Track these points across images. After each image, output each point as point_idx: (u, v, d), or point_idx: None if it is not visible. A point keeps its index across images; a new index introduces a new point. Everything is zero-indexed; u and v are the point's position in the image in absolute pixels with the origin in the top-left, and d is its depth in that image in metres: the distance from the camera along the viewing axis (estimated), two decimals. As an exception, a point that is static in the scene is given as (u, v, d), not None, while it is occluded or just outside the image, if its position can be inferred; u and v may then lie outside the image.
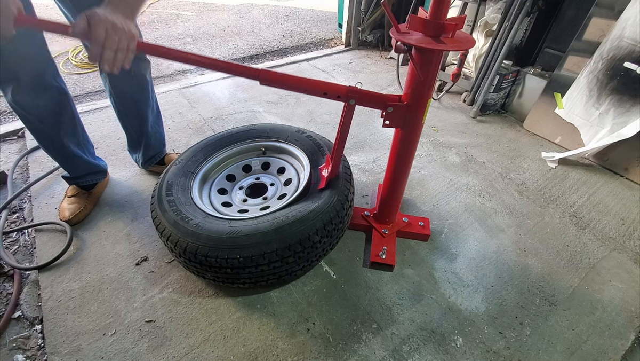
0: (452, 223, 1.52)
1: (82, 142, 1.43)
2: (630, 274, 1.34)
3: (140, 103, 1.46)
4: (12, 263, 1.29)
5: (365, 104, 1.00)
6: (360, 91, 0.98)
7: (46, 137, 1.32)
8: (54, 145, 1.35)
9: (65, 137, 1.33)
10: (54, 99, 1.25)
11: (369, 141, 2.03)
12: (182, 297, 1.20)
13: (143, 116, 1.49)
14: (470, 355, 1.08)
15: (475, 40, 0.93)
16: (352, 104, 0.99)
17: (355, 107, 1.01)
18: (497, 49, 2.09)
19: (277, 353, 1.06)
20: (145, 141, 1.57)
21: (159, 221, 1.10)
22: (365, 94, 0.99)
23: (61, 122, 1.31)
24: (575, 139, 1.94)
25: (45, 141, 1.34)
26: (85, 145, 1.46)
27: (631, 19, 1.59)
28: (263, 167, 1.45)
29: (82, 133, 1.43)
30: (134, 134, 1.55)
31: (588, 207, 1.63)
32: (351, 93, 0.97)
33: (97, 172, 1.53)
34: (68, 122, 1.34)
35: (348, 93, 0.97)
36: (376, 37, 3.30)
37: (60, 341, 1.08)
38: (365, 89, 0.99)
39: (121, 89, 1.38)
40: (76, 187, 1.49)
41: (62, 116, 1.30)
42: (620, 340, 1.14)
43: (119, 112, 1.46)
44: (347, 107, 1.00)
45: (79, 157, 1.42)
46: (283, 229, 1.01)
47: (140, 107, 1.47)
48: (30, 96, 1.18)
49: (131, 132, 1.54)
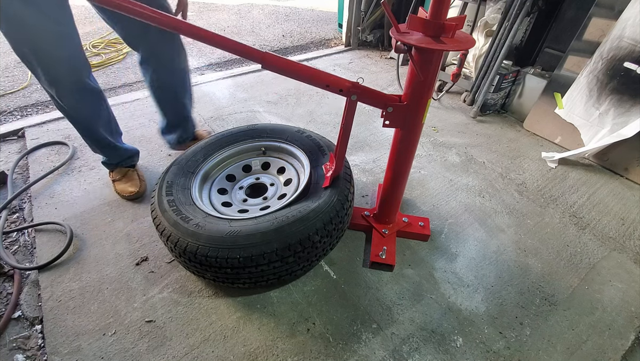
0: (452, 223, 1.52)
1: (114, 131, 1.55)
2: (630, 274, 1.34)
3: (179, 91, 1.58)
4: (12, 263, 1.29)
5: (366, 100, 1.00)
6: (362, 87, 0.97)
7: (87, 130, 1.45)
8: (94, 136, 1.47)
9: (102, 129, 1.46)
10: (92, 98, 1.37)
11: (369, 141, 2.03)
12: (182, 297, 1.20)
13: (181, 102, 1.63)
14: (470, 355, 1.08)
15: (475, 40, 0.93)
16: (354, 100, 0.98)
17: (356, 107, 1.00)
18: (497, 49, 2.09)
19: (277, 353, 1.06)
20: (183, 125, 1.71)
21: (159, 221, 1.09)
22: (367, 90, 0.98)
23: (99, 117, 1.43)
24: (575, 139, 1.94)
25: (87, 133, 1.47)
26: (117, 133, 1.58)
27: (631, 19, 1.59)
28: (263, 167, 1.45)
29: (115, 124, 1.56)
30: (172, 118, 1.67)
31: (588, 207, 1.63)
32: (353, 88, 0.96)
33: (133, 155, 1.66)
34: (104, 117, 1.47)
35: (350, 88, 0.96)
36: (376, 37, 3.30)
37: (60, 341, 1.08)
38: (367, 86, 0.98)
39: (162, 78, 1.50)
40: (121, 169, 1.61)
41: (100, 112, 1.43)
42: (620, 340, 1.14)
43: (158, 99, 1.58)
44: (349, 103, 0.99)
45: (114, 145, 1.55)
46: (283, 229, 1.01)
47: (179, 95, 1.60)
48: (74, 98, 1.31)
49: (169, 117, 1.66)
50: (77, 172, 1.72)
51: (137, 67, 2.97)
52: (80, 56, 1.25)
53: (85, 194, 1.60)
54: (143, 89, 2.55)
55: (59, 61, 1.18)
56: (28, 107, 2.37)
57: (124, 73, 2.91)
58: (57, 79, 1.22)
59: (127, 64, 3.07)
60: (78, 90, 1.30)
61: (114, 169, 1.62)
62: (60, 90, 1.25)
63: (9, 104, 2.39)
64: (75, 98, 1.31)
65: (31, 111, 2.34)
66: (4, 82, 2.64)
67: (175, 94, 1.58)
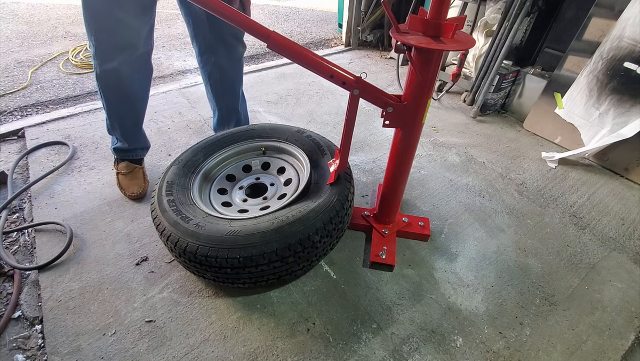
0: (452, 223, 1.52)
1: (142, 114, 1.55)
2: (630, 274, 1.34)
3: (236, 82, 1.63)
4: (12, 263, 1.29)
5: (367, 97, 1.00)
6: (364, 83, 0.97)
7: (127, 111, 1.46)
8: (128, 113, 1.47)
9: (140, 107, 1.49)
10: (147, 76, 1.43)
11: (369, 141, 2.03)
12: (182, 297, 1.20)
13: (237, 94, 1.67)
14: (470, 355, 1.08)
15: (475, 41, 0.93)
16: (356, 94, 0.98)
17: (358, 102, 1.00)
18: (497, 49, 2.09)
19: (277, 353, 1.06)
20: (237, 117, 1.75)
21: (159, 221, 1.09)
22: (369, 86, 0.98)
23: (145, 94, 1.48)
24: (575, 139, 1.94)
25: (124, 115, 1.47)
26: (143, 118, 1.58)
27: (631, 19, 1.59)
28: (263, 167, 1.45)
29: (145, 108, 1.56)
30: (225, 112, 1.71)
31: (588, 207, 1.63)
32: (356, 83, 0.96)
33: (146, 147, 1.68)
34: (146, 96, 1.50)
35: (353, 82, 0.96)
36: (376, 37, 3.30)
37: (60, 341, 1.08)
38: (370, 82, 0.98)
39: (222, 68, 1.55)
40: (129, 163, 1.61)
41: (147, 88, 1.48)
42: (620, 340, 1.14)
43: (216, 91, 1.63)
44: (352, 97, 0.99)
45: (139, 128, 1.58)
46: (283, 229, 1.01)
47: (236, 86, 1.65)
48: (138, 71, 1.35)
49: (223, 111, 1.70)
50: (77, 172, 1.72)
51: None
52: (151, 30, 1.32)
53: (85, 194, 1.60)
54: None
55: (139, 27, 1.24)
56: (28, 107, 2.37)
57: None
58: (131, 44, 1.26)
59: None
60: (144, 61, 1.35)
61: (122, 160, 1.61)
62: (128, 57, 1.27)
63: (9, 104, 2.39)
64: (139, 71, 1.36)
65: (31, 111, 2.34)
66: (4, 82, 2.63)
67: (232, 83, 1.62)
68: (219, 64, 1.54)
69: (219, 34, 1.45)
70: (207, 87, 1.65)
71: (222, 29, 1.44)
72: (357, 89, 0.97)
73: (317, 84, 2.65)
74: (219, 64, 1.54)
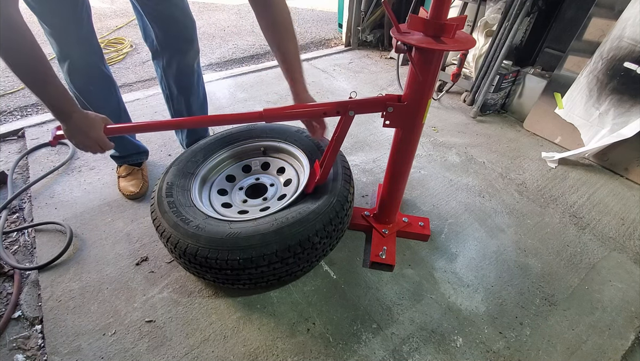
0: (452, 223, 1.51)
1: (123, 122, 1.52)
2: (630, 274, 1.34)
3: (186, 90, 1.58)
4: (12, 263, 1.29)
5: (364, 111, 1.02)
6: (357, 101, 0.99)
7: None
8: None
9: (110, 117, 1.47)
10: (103, 85, 1.39)
11: (369, 141, 2.03)
12: (182, 297, 1.20)
13: (188, 102, 1.62)
14: (470, 355, 1.08)
15: (475, 41, 0.93)
16: (352, 115, 1.00)
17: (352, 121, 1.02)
18: (497, 49, 2.08)
19: (277, 353, 1.06)
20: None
21: (159, 223, 1.09)
22: (363, 102, 1.00)
23: (107, 106, 1.42)
24: (575, 139, 1.94)
25: None
26: None
27: (631, 19, 1.59)
28: (263, 167, 1.45)
29: (126, 116, 1.55)
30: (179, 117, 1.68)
31: (588, 207, 1.63)
32: (350, 105, 0.98)
33: (142, 152, 1.69)
34: (114, 107, 1.47)
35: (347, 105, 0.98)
36: (376, 37, 3.30)
37: (60, 341, 1.08)
38: (361, 98, 1.00)
39: (171, 76, 1.50)
40: (127, 166, 1.63)
41: (109, 101, 1.44)
42: (620, 340, 1.14)
43: (167, 96, 1.60)
44: (346, 119, 1.01)
45: (124, 138, 1.57)
46: (283, 231, 1.01)
47: (186, 94, 1.59)
48: (83, 80, 1.32)
49: (177, 116, 1.67)
50: (77, 172, 1.72)
51: (137, 67, 2.98)
52: (90, 39, 1.28)
53: (85, 194, 1.60)
54: (143, 89, 2.55)
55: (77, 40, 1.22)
56: (28, 107, 2.37)
57: (124, 73, 2.90)
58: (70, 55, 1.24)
59: (127, 64, 3.06)
60: (89, 71, 1.32)
61: (121, 164, 1.63)
62: (70, 66, 1.26)
63: (9, 104, 2.39)
64: (84, 80, 1.32)
65: (31, 111, 2.33)
66: (4, 82, 2.63)
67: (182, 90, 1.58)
68: (168, 76, 1.49)
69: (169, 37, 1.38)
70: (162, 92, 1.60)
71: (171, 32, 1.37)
72: (352, 110, 0.99)
73: (317, 84, 2.65)
74: (168, 76, 1.49)
